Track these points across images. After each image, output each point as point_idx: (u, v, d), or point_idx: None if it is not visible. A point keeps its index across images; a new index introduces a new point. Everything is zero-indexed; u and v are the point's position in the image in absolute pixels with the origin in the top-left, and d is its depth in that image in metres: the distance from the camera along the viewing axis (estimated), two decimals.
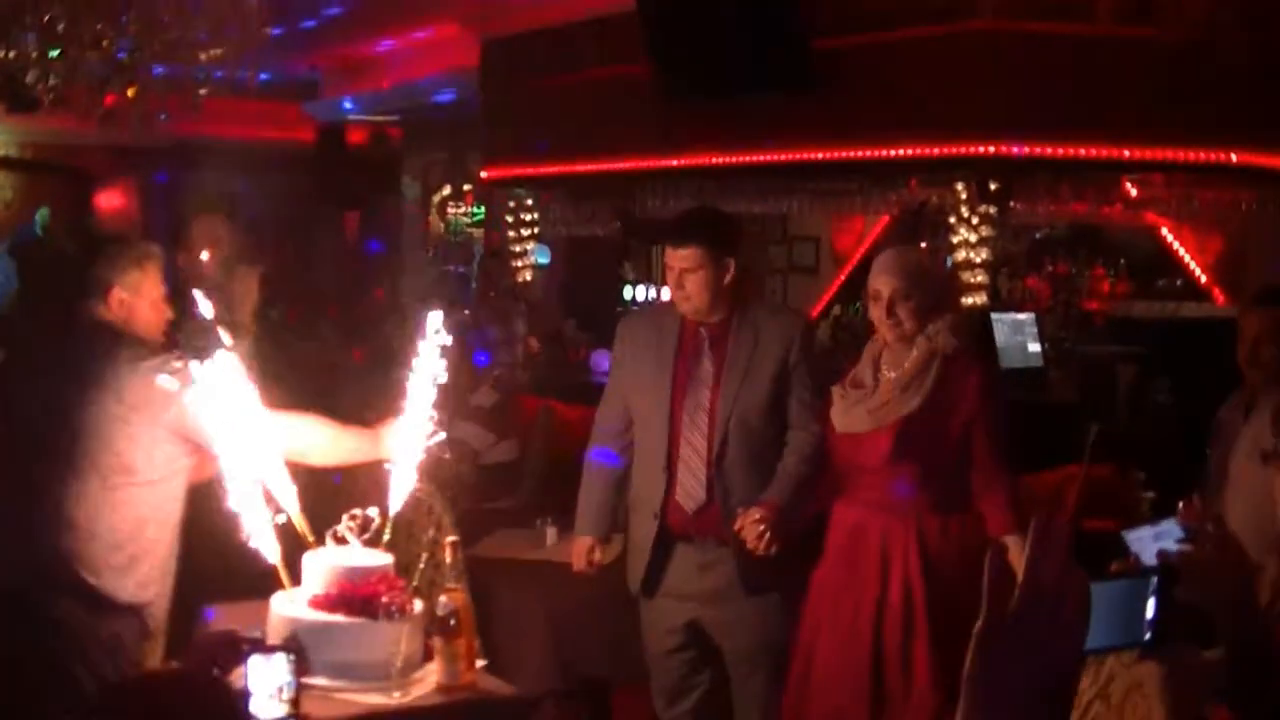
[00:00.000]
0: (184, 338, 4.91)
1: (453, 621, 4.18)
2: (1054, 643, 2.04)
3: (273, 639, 3.99)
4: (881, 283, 5.06)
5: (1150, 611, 2.45)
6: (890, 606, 4.94)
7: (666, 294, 5.62)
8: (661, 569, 5.30)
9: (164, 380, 4.43)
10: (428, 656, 4.30)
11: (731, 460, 5.17)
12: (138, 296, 4.78)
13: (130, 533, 4.58)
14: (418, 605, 4.33)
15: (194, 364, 4.26)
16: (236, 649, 3.64)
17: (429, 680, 4.21)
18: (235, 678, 3.76)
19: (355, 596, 4.16)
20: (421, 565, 4.77)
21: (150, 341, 4.70)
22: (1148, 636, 2.45)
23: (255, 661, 3.57)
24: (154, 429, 4.55)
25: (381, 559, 4.35)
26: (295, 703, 3.60)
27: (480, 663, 4.46)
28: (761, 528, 5.01)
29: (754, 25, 9.63)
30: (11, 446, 4.68)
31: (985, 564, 2.04)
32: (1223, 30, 8.80)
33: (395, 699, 4.09)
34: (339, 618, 4.07)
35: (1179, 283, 11.58)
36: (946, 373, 5.00)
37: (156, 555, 4.67)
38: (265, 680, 3.56)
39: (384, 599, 4.17)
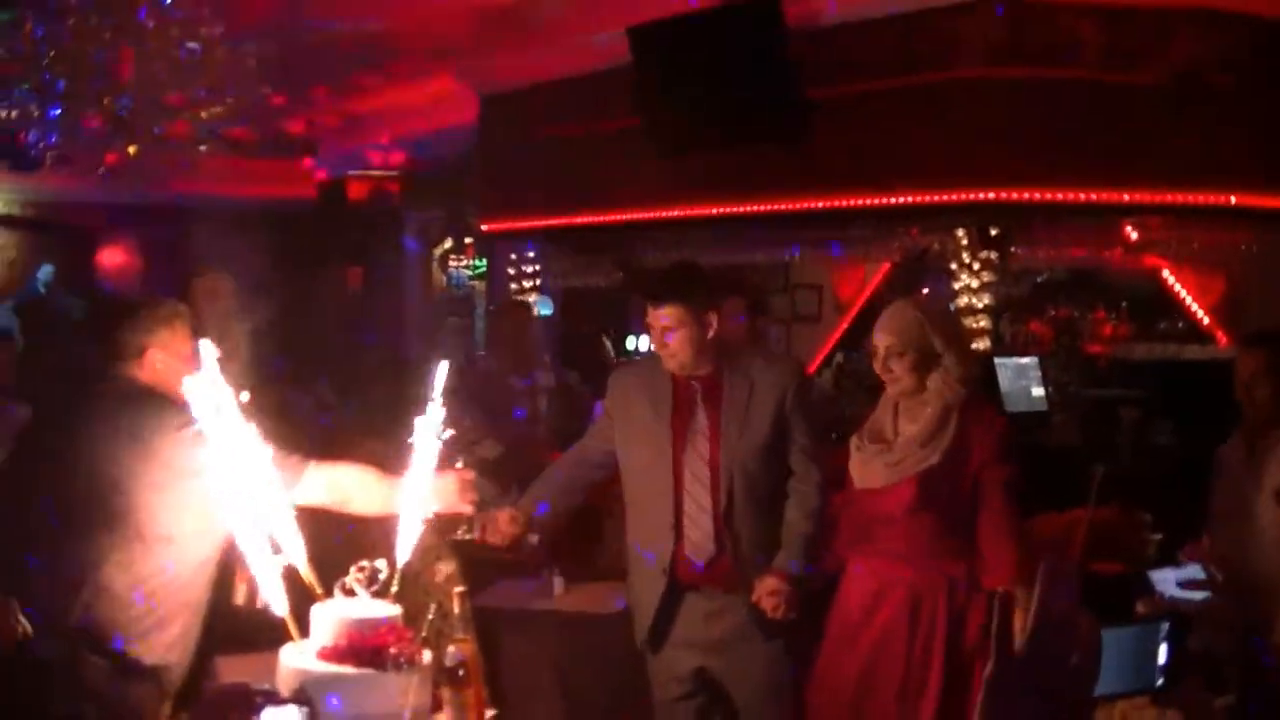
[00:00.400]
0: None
1: (461, 672, 4.17)
2: (1063, 686, 2.05)
3: (282, 691, 3.98)
4: (878, 339, 5.15)
5: (1162, 657, 2.46)
6: (915, 656, 4.97)
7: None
8: (669, 620, 5.26)
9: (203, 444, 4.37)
10: (436, 707, 4.28)
11: (738, 510, 5.15)
12: (172, 355, 4.75)
13: (164, 596, 4.53)
14: (426, 656, 4.32)
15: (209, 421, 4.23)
16: (250, 702, 3.62)
17: None
18: None
19: (364, 647, 4.15)
20: (430, 616, 4.76)
21: (183, 401, 4.64)
22: (1160, 682, 2.46)
23: (268, 714, 3.55)
24: (195, 493, 4.46)
25: (389, 610, 4.34)
26: None
27: (489, 713, 4.44)
28: (777, 600, 5.04)
29: (748, 76, 9.67)
30: (48, 513, 4.53)
31: (994, 609, 2.04)
32: (1207, 72, 8.83)
33: None
34: (348, 669, 4.06)
35: (1180, 324, 11.60)
36: (963, 421, 5.04)
37: (185, 617, 4.63)
38: None
39: (393, 650, 4.17)
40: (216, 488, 4.20)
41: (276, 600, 4.06)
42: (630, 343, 13.59)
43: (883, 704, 5.00)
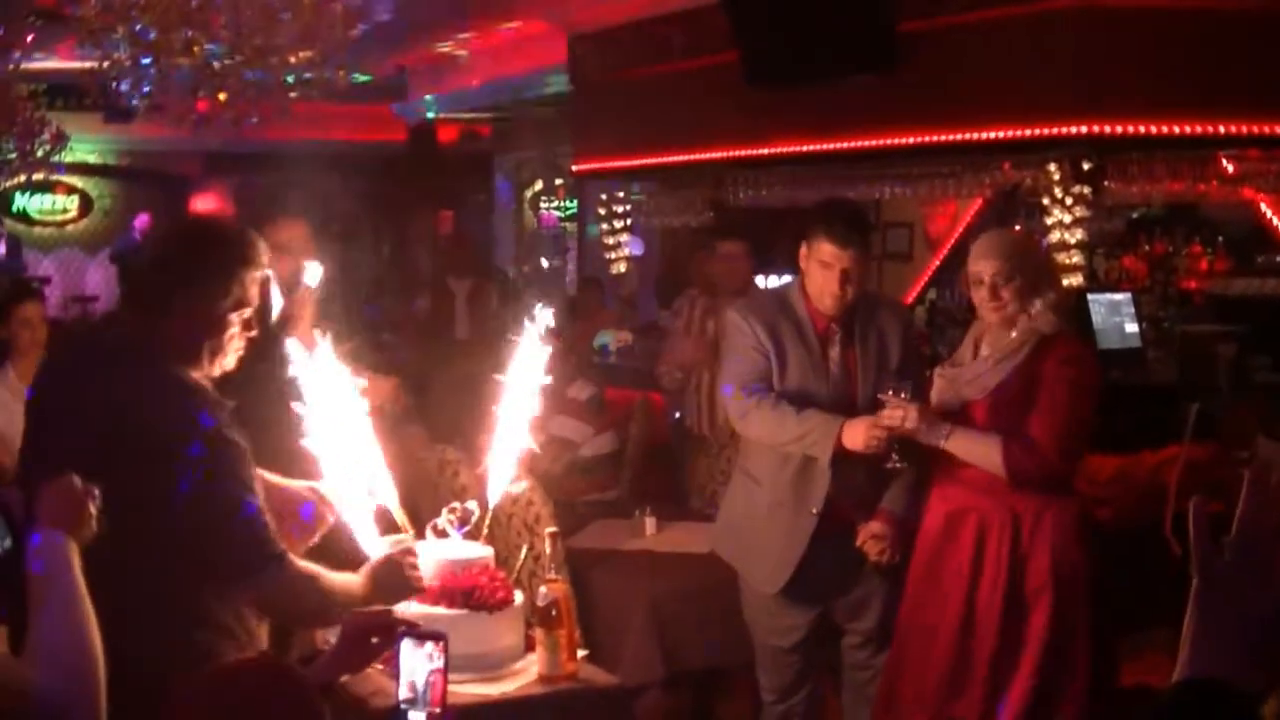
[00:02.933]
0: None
1: (554, 612, 4.19)
2: (1273, 615, 2.03)
3: None
4: (983, 266, 5.03)
5: None
6: (982, 588, 4.95)
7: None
8: (810, 564, 5.25)
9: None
10: (529, 647, 4.32)
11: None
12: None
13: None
14: (519, 597, 4.35)
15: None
16: (391, 630, 3.61)
17: (531, 671, 4.23)
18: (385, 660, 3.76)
19: (457, 589, 4.18)
20: (522, 557, 4.79)
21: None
22: None
23: (407, 646, 3.56)
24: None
25: (482, 551, 4.37)
26: (443, 692, 3.56)
27: (582, 653, 4.47)
28: (882, 544, 5.12)
29: (839, 9, 9.61)
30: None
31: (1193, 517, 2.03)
32: None
33: (498, 690, 4.12)
34: (441, 610, 4.10)
35: (1279, 259, 11.43)
36: (1044, 351, 4.97)
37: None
38: (414, 665, 3.55)
39: (485, 591, 4.20)
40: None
41: (371, 542, 4.08)
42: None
43: (946, 636, 5.00)
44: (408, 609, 4.01)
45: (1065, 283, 8.82)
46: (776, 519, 5.30)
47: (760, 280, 8.40)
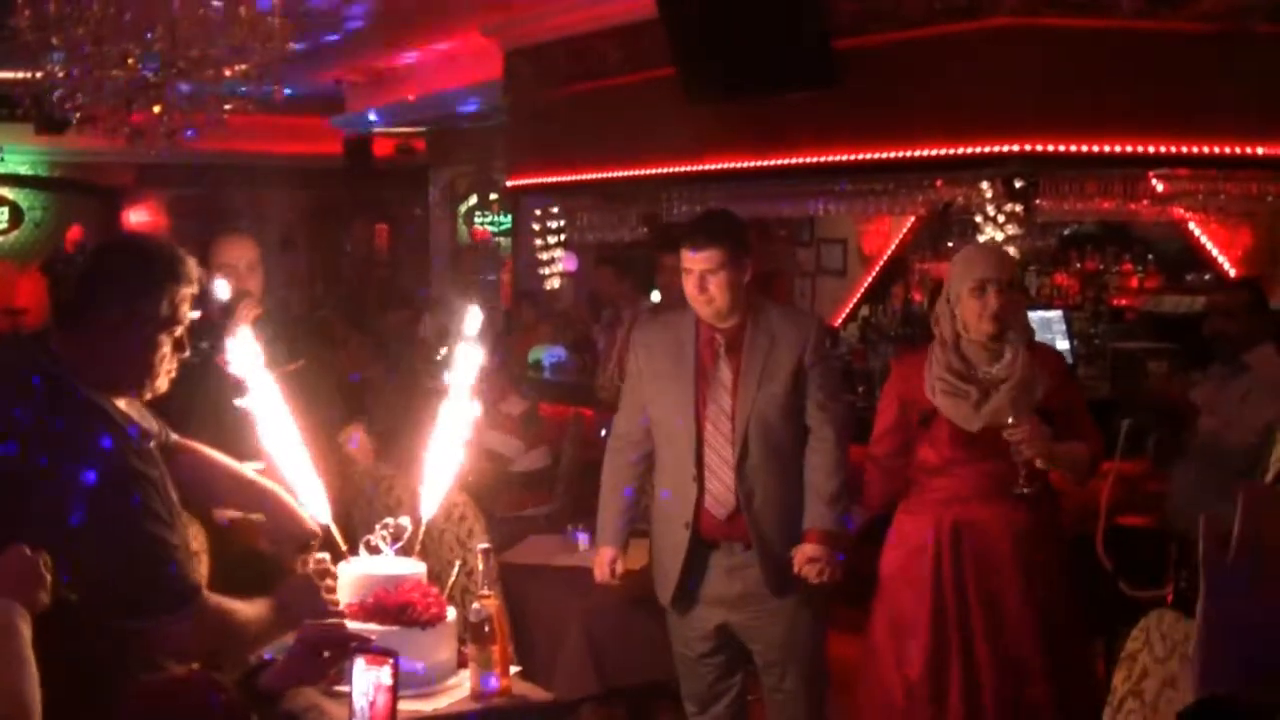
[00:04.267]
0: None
1: (487, 628, 4.18)
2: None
3: None
4: (980, 273, 5.11)
5: None
6: (1003, 589, 5.09)
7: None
8: (692, 577, 5.27)
9: None
10: (462, 663, 4.31)
11: (754, 464, 5.15)
12: None
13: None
14: (451, 613, 4.34)
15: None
16: (344, 645, 3.57)
17: (464, 687, 4.22)
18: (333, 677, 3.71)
19: (389, 605, 4.17)
20: (455, 573, 4.78)
21: None
22: None
23: (360, 669, 3.53)
24: None
25: (414, 566, 4.36)
26: (392, 710, 3.52)
27: (515, 669, 4.46)
28: (819, 565, 5.07)
29: (776, 25, 9.65)
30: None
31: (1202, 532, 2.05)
32: (1246, 22, 8.76)
33: (431, 707, 4.10)
34: (373, 626, 4.08)
35: (1207, 277, 11.54)
36: (1040, 364, 5.15)
37: None
38: (365, 682, 3.52)
39: (418, 607, 4.19)
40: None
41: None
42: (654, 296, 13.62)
43: (946, 648, 5.09)
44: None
45: None
46: (660, 532, 5.39)
47: None
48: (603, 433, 8.38)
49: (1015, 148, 8.85)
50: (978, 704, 5.05)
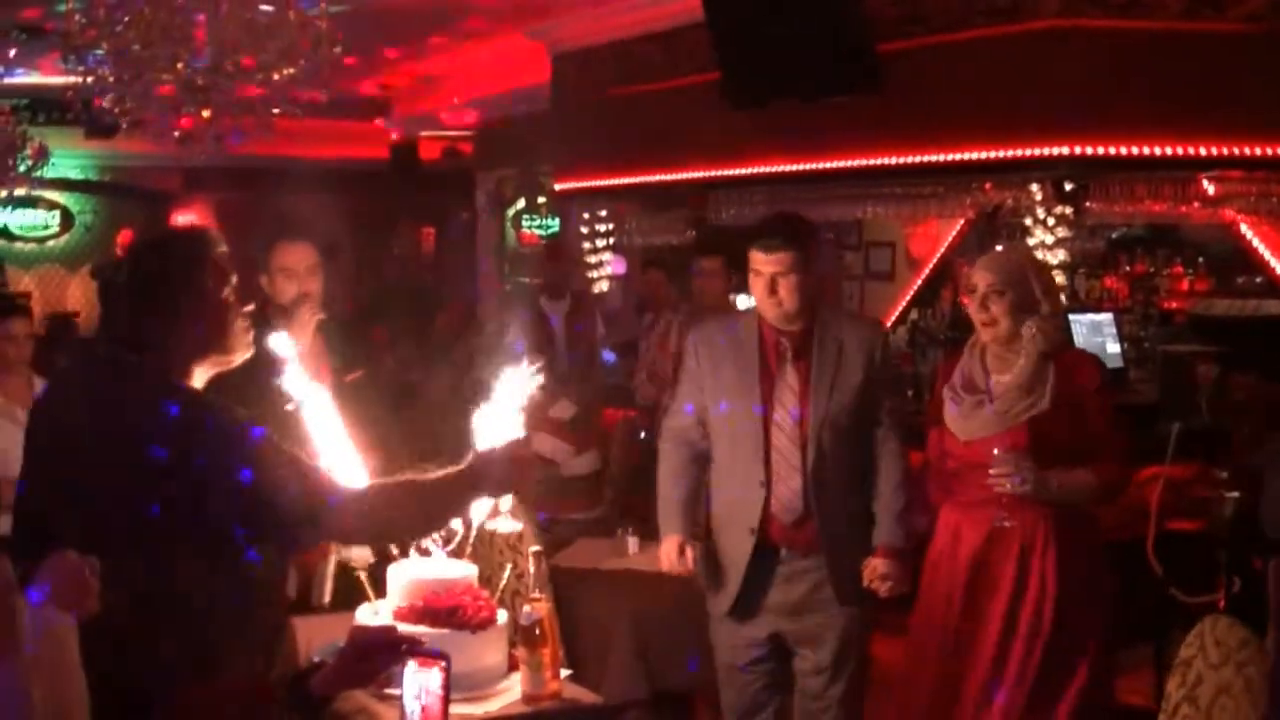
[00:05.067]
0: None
1: (537, 631, 4.20)
2: None
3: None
4: (978, 277, 5.13)
5: None
6: (1027, 602, 5.02)
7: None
8: (754, 584, 5.23)
9: None
10: (513, 666, 4.32)
11: (824, 470, 5.12)
12: None
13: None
14: (502, 616, 4.34)
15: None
16: (395, 648, 3.56)
17: (514, 690, 4.23)
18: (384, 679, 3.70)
19: (440, 608, 4.18)
20: (505, 575, 4.79)
21: None
22: None
23: (411, 672, 3.52)
24: None
25: (465, 569, 4.37)
26: (444, 715, 3.51)
27: (565, 672, 4.47)
28: (889, 581, 5.09)
29: (820, 29, 9.63)
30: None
31: (1273, 576, 2.04)
32: None
33: (482, 710, 4.11)
34: (424, 629, 4.09)
35: (1258, 280, 11.46)
36: (1064, 369, 5.10)
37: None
38: (416, 685, 3.52)
39: (469, 610, 4.19)
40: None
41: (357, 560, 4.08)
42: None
43: (984, 654, 5.06)
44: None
45: None
46: (721, 538, 5.32)
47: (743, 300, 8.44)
48: (641, 435, 8.42)
49: (1065, 150, 8.80)
50: (989, 703, 5.03)
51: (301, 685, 3.36)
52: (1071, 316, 9.41)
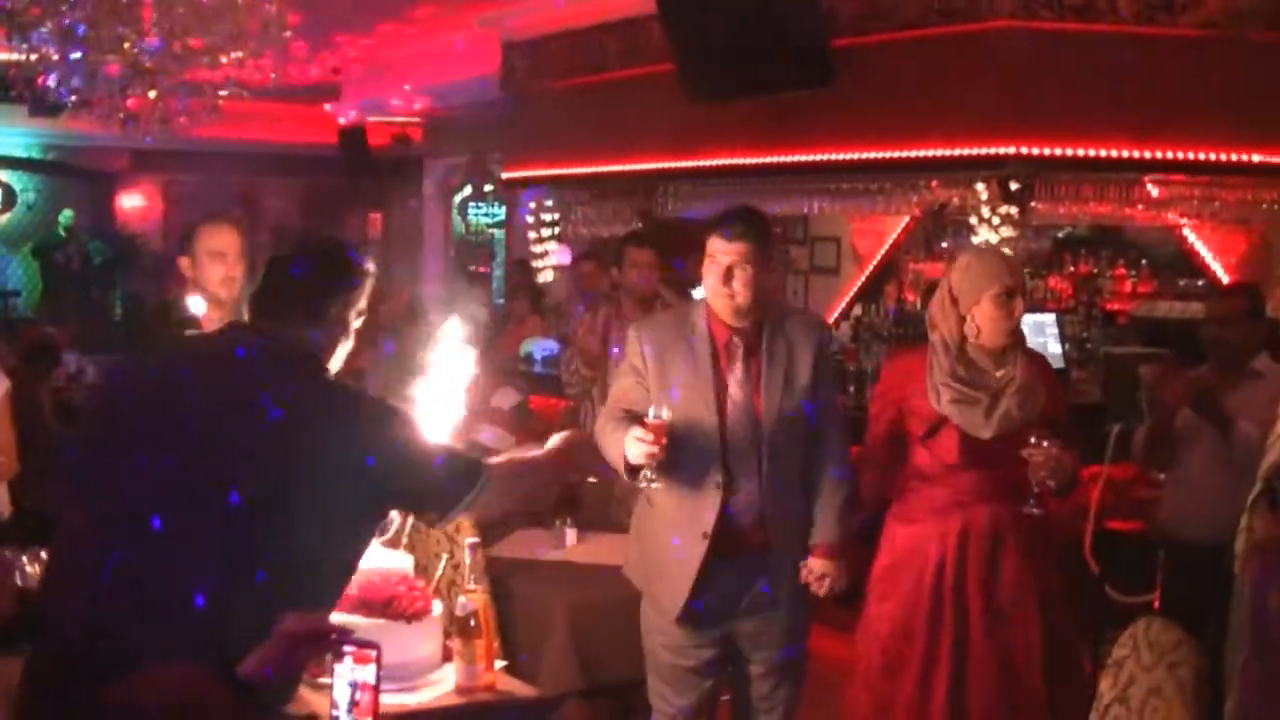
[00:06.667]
0: None
1: (472, 622, 4.17)
2: None
3: None
4: (1004, 280, 5.08)
5: None
6: (1003, 589, 5.10)
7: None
8: (706, 588, 5.00)
9: None
10: (447, 657, 4.30)
11: (778, 470, 4.98)
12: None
13: None
14: (437, 607, 4.32)
15: None
16: (326, 637, 3.50)
17: (448, 681, 4.21)
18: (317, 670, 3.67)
19: (375, 599, 4.16)
20: (441, 566, 4.77)
21: None
22: None
23: (343, 667, 3.46)
24: None
25: (401, 560, 4.35)
26: (375, 704, 3.47)
27: (500, 664, 4.45)
28: (830, 580, 5.02)
29: (774, 24, 9.64)
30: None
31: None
32: (1243, 27, 8.76)
33: (415, 700, 4.09)
34: (358, 619, 4.06)
35: (1200, 283, 11.54)
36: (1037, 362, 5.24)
37: None
38: (348, 676, 3.47)
39: (404, 600, 4.17)
40: None
41: None
42: None
43: (936, 654, 5.11)
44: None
45: None
46: (666, 543, 5.09)
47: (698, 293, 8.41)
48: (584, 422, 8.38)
49: (1011, 150, 8.85)
50: (963, 705, 5.05)
51: (229, 671, 3.33)
52: None
